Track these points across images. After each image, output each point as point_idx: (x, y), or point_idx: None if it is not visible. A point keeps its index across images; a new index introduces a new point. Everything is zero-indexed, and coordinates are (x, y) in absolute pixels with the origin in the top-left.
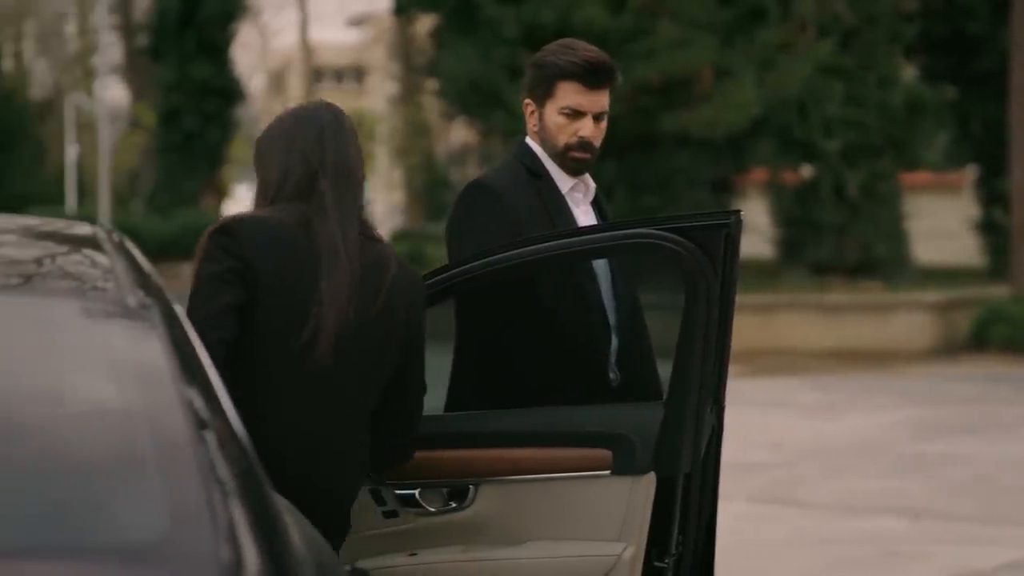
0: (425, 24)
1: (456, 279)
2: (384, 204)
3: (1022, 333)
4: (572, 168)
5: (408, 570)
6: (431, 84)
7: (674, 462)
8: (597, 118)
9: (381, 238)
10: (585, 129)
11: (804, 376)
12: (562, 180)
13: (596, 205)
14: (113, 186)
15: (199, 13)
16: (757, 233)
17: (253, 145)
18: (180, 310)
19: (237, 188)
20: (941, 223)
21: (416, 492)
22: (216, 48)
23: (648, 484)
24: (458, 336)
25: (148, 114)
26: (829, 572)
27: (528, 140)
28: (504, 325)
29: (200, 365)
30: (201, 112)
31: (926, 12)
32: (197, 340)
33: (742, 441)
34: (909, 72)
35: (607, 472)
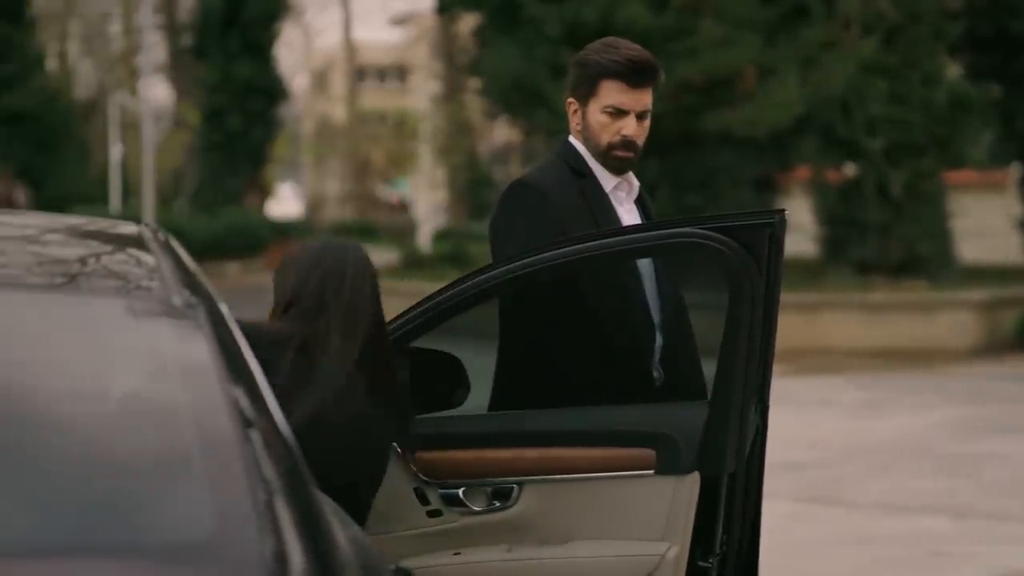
0: (468, 23)
1: (500, 279)
2: (427, 203)
3: None
4: (615, 167)
5: (452, 569)
6: (474, 83)
7: (718, 462)
8: (640, 117)
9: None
10: (628, 128)
11: (848, 375)
12: (606, 179)
13: (640, 204)
14: (157, 185)
15: (243, 13)
16: (800, 232)
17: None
18: (226, 309)
19: (280, 187)
20: (985, 222)
21: (460, 491)
22: (260, 47)
23: (692, 484)
24: (502, 335)
25: (192, 113)
26: (873, 572)
27: (571, 139)
28: (548, 324)
29: (246, 364)
30: (245, 111)
31: (970, 10)
32: (243, 339)
33: (786, 440)
34: (953, 70)
35: (651, 472)
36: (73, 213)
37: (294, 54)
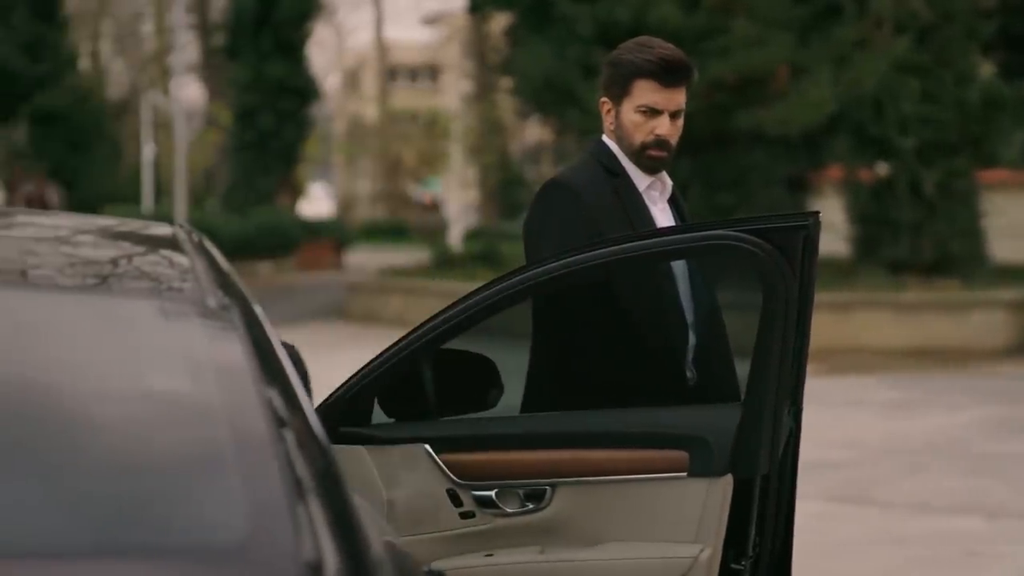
0: (499, 22)
1: (535, 280)
2: (458, 203)
3: None
4: (648, 166)
5: (485, 571)
6: (505, 82)
7: (751, 464)
8: (674, 116)
9: None
10: (662, 127)
11: (880, 375)
12: (639, 178)
13: (673, 203)
14: (189, 185)
15: (275, 12)
16: (833, 231)
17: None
18: (259, 310)
19: (312, 187)
20: (1019, 221)
21: (493, 493)
22: (291, 47)
23: (725, 486)
24: (535, 336)
25: (224, 113)
26: (906, 572)
27: (605, 138)
28: (581, 325)
29: (280, 365)
30: (276, 111)
31: (1004, 8)
32: (276, 340)
33: (818, 440)
34: (987, 69)
35: (684, 474)
36: (105, 213)
37: (326, 53)
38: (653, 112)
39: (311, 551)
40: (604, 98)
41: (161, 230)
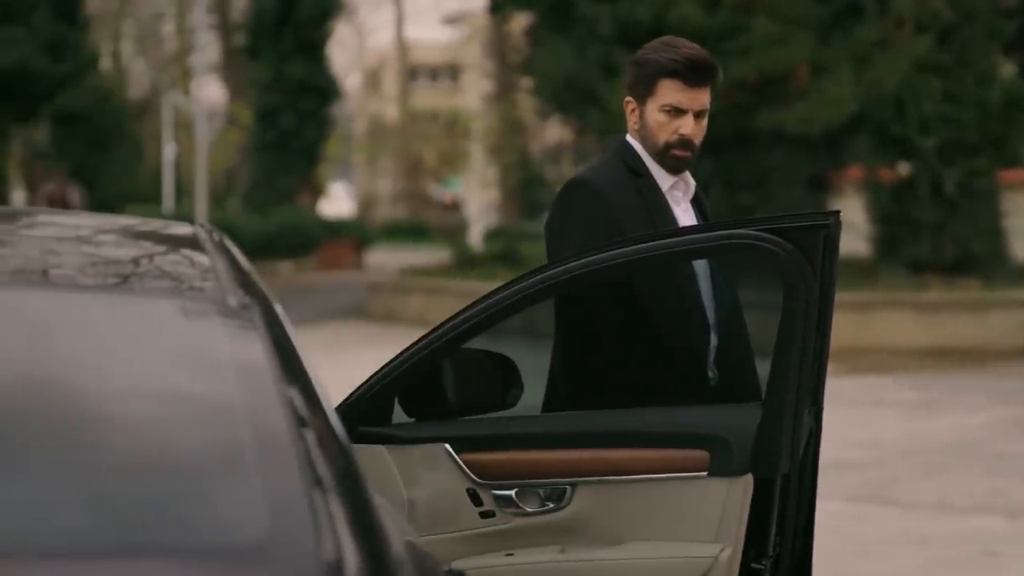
0: (520, 22)
1: (556, 279)
2: (478, 202)
3: None
4: (672, 166)
5: (505, 571)
6: (526, 82)
7: (772, 464)
8: (698, 116)
9: None
10: (686, 127)
11: (901, 375)
12: (662, 178)
13: (696, 203)
14: (210, 185)
15: (296, 12)
16: (854, 231)
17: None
18: (280, 310)
19: (332, 186)
20: None
21: (513, 492)
22: (312, 47)
23: (745, 485)
24: (556, 335)
25: (245, 113)
26: (927, 572)
27: (629, 138)
28: (602, 324)
29: (300, 364)
30: (297, 111)
31: None
32: (297, 339)
33: (839, 440)
34: (1008, 69)
35: (704, 473)
36: (126, 212)
37: (347, 53)
38: (677, 112)
39: (331, 550)
40: (629, 97)
41: (182, 230)
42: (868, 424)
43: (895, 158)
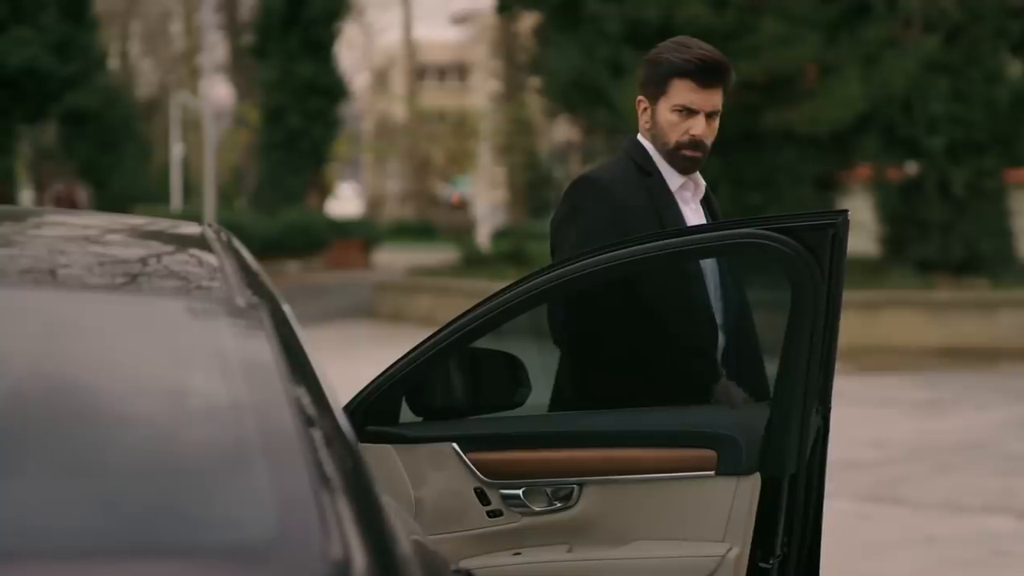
0: (528, 21)
1: (563, 278)
2: (486, 202)
3: None
4: (682, 166)
5: (512, 570)
6: (534, 81)
7: (780, 463)
8: (710, 117)
9: None
10: (697, 127)
11: (909, 374)
12: (672, 178)
13: (706, 203)
14: (218, 184)
15: (304, 12)
16: (862, 230)
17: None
18: (288, 309)
19: (341, 186)
20: None
21: (521, 492)
22: (320, 46)
23: (753, 485)
24: (562, 335)
25: (253, 112)
26: (936, 571)
27: (640, 137)
28: (609, 323)
29: (308, 363)
30: (305, 110)
31: None
32: (305, 339)
33: (847, 439)
34: (1016, 68)
35: (712, 473)
36: (134, 212)
37: (355, 53)
38: (689, 112)
39: (339, 549)
40: (640, 96)
41: (190, 229)
42: (876, 423)
43: (903, 157)
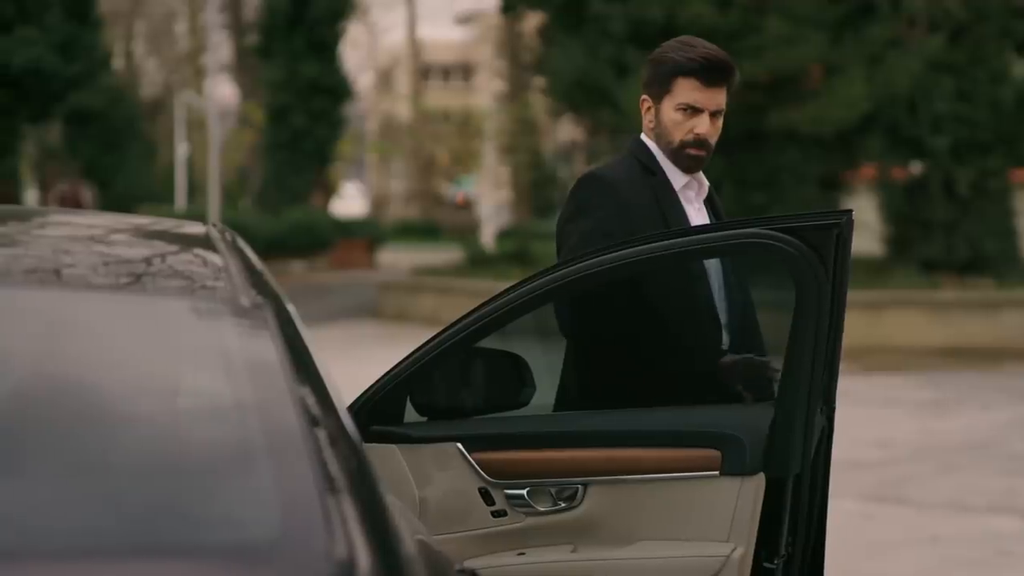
0: (532, 21)
1: (567, 278)
2: (490, 202)
3: None
4: (686, 165)
5: (517, 570)
6: (538, 81)
7: (784, 463)
8: (714, 116)
9: None
10: (701, 126)
11: (914, 374)
12: (676, 177)
13: (710, 203)
14: (222, 184)
15: (308, 12)
16: (866, 230)
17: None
18: (292, 309)
19: (345, 186)
20: None
21: (525, 492)
22: (325, 46)
23: (758, 485)
24: (567, 335)
25: (257, 112)
26: (940, 571)
27: (644, 136)
28: (614, 323)
29: (312, 363)
30: (309, 110)
31: None
32: (310, 338)
33: (851, 439)
34: (1020, 68)
35: (716, 473)
36: (139, 212)
37: (359, 53)
38: (693, 111)
39: (343, 549)
40: (645, 96)
41: (194, 229)
42: (881, 423)
43: (907, 157)
